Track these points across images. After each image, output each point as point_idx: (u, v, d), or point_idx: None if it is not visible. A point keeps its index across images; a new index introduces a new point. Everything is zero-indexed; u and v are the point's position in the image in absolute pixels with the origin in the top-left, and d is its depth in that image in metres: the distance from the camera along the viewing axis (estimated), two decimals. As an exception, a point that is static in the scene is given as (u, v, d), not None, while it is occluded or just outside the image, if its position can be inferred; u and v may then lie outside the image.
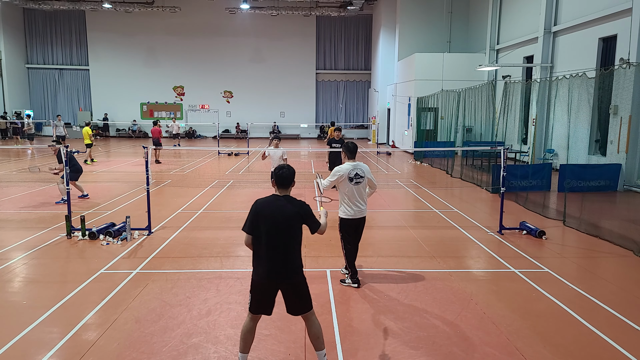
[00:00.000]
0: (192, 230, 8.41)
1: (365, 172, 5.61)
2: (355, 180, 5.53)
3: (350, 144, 5.70)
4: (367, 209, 5.77)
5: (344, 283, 5.82)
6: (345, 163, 5.65)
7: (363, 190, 5.65)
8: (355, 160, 5.67)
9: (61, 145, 8.75)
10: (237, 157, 21.41)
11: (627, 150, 12.16)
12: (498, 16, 21.52)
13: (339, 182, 5.57)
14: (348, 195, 5.57)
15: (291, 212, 3.73)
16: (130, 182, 13.47)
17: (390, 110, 27.80)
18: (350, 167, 5.55)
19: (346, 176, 5.52)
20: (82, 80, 34.38)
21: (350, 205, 5.59)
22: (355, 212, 5.60)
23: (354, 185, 5.53)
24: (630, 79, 11.77)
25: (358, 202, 5.59)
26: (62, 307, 5.14)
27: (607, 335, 4.54)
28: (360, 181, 5.56)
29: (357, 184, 5.55)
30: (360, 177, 5.56)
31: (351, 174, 5.52)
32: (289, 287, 3.78)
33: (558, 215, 9.36)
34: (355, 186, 5.54)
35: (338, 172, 5.56)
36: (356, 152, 5.68)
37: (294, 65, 34.36)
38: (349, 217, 5.63)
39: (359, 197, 5.59)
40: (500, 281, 6.06)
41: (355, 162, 5.63)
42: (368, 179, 5.68)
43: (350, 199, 5.58)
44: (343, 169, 5.56)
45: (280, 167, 3.90)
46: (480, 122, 17.58)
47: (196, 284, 5.82)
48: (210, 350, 4.28)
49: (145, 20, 32.97)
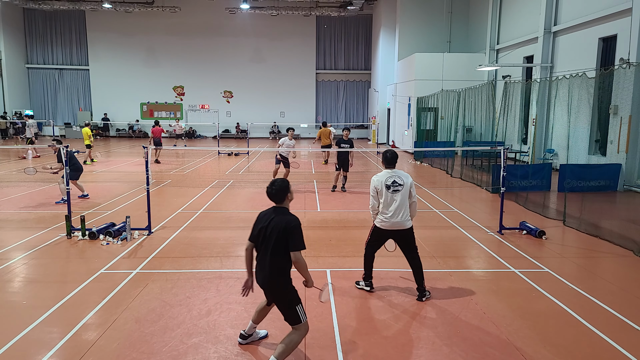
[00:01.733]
0: (192, 230, 8.41)
1: (404, 180, 5.28)
2: (393, 187, 5.25)
3: (387, 153, 5.41)
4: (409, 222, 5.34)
5: (358, 285, 5.74)
6: (383, 171, 5.41)
7: (404, 200, 5.25)
8: (395, 168, 5.38)
9: (61, 145, 8.75)
10: (237, 157, 21.41)
11: (627, 150, 12.16)
12: (498, 16, 21.52)
13: (378, 190, 5.29)
14: (384, 203, 5.28)
15: (278, 225, 3.85)
16: (130, 182, 13.47)
17: (390, 110, 27.80)
18: (388, 175, 5.30)
19: (383, 184, 5.27)
20: (82, 80, 34.38)
21: (384, 213, 5.29)
22: (390, 223, 5.26)
23: (392, 193, 5.24)
24: (630, 79, 11.77)
25: (394, 212, 5.22)
26: (62, 307, 5.14)
27: (607, 335, 4.54)
28: (398, 189, 5.24)
29: (395, 192, 5.24)
30: (399, 184, 5.25)
31: (388, 181, 5.26)
32: (273, 297, 4.06)
33: (558, 215, 9.36)
34: (393, 194, 5.24)
35: (374, 184, 5.33)
36: (395, 161, 5.39)
37: (294, 65, 34.36)
38: (381, 226, 5.35)
39: (398, 206, 5.21)
40: (500, 281, 6.06)
41: (394, 170, 5.35)
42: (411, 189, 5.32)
43: (385, 207, 5.27)
44: (377, 176, 5.35)
45: (271, 184, 4.02)
46: (480, 122, 17.58)
47: (196, 284, 5.82)
48: (210, 350, 4.28)
49: (145, 20, 32.97)
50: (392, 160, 5.38)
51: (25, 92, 33.70)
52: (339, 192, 12.17)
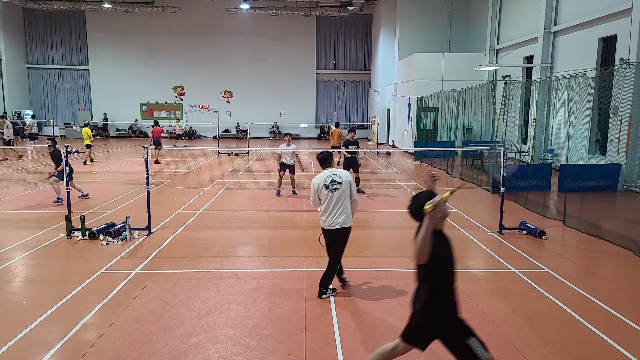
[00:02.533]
0: (192, 230, 8.41)
1: (343, 178, 5.33)
2: (332, 187, 5.29)
3: (320, 154, 5.55)
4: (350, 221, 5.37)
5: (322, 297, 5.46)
6: (322, 172, 5.47)
7: (342, 198, 5.29)
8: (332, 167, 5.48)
9: (56, 145, 8.73)
10: (237, 157, 21.41)
11: (627, 150, 12.16)
12: (498, 16, 21.52)
13: (319, 192, 5.35)
14: (325, 204, 5.32)
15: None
16: (130, 182, 13.46)
17: (390, 110, 27.79)
18: (326, 175, 5.37)
19: (322, 184, 5.32)
20: (82, 80, 34.37)
21: (324, 214, 5.36)
22: (329, 222, 5.30)
23: (331, 192, 5.28)
24: (630, 79, 11.77)
25: (334, 211, 5.27)
26: (62, 307, 5.14)
27: (607, 335, 4.54)
28: (337, 187, 5.28)
29: (335, 190, 5.27)
30: (338, 182, 5.30)
31: (326, 181, 5.31)
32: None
33: (558, 215, 9.36)
34: (333, 192, 5.28)
35: (314, 185, 5.38)
36: (328, 160, 5.49)
37: (294, 65, 34.35)
38: (324, 226, 5.41)
39: (336, 205, 5.26)
40: (500, 281, 6.06)
41: (331, 169, 5.44)
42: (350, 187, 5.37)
43: (326, 208, 5.32)
44: (316, 178, 5.41)
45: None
46: (480, 122, 17.58)
47: (196, 284, 5.82)
48: (210, 350, 4.28)
49: (145, 20, 32.96)
50: (325, 160, 5.50)
51: (25, 92, 33.69)
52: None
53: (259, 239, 7.90)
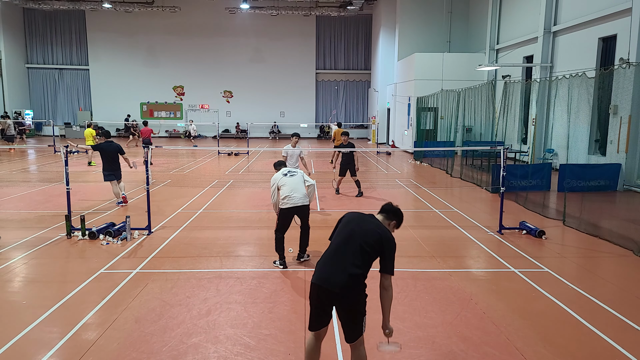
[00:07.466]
0: (192, 230, 8.41)
1: (297, 171, 6.62)
2: (290, 174, 6.47)
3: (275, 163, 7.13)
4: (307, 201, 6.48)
5: (275, 263, 6.55)
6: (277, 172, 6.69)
7: (299, 182, 6.41)
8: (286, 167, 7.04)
9: (62, 146, 8.73)
10: (237, 157, 21.41)
11: (626, 150, 12.16)
12: (498, 16, 21.52)
13: (280, 186, 6.33)
14: (284, 188, 6.31)
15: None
16: (130, 182, 13.46)
17: (390, 110, 27.79)
18: (282, 171, 6.58)
19: (280, 175, 6.46)
20: (82, 80, 34.37)
21: (287, 197, 6.29)
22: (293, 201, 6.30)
23: (289, 177, 6.41)
24: (630, 78, 11.77)
25: (294, 192, 6.31)
26: (62, 307, 5.14)
27: (607, 335, 4.54)
28: (293, 174, 6.49)
29: (292, 175, 6.45)
30: (293, 172, 6.56)
31: (284, 172, 6.54)
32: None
33: (558, 215, 9.36)
34: (291, 177, 6.41)
35: (273, 181, 6.45)
36: (281, 164, 7.09)
37: (294, 65, 34.35)
38: (286, 207, 6.29)
39: (295, 187, 6.34)
40: (500, 281, 6.06)
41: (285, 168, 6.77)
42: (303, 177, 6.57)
43: (286, 191, 6.30)
44: (275, 175, 6.55)
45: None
46: (480, 122, 17.58)
47: (196, 284, 5.82)
48: (210, 350, 4.28)
49: (145, 20, 32.96)
50: (278, 164, 7.09)
51: (25, 92, 33.69)
52: (343, 194, 11.95)
53: (259, 239, 7.90)
